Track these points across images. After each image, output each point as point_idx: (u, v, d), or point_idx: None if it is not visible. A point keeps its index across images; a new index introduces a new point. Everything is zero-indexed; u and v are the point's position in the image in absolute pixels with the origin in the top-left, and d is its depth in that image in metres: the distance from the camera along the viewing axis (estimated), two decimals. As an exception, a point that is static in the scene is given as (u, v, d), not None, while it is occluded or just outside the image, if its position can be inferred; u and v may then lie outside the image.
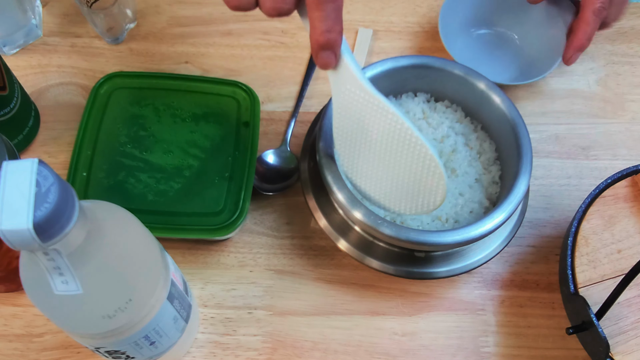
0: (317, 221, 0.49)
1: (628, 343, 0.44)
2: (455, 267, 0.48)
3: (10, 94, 0.51)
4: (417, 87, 0.53)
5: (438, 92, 0.53)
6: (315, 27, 0.36)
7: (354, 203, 0.44)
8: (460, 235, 0.44)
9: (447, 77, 0.51)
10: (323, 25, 0.36)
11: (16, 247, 0.27)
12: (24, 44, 0.61)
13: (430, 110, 0.53)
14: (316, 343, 0.49)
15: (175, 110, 0.56)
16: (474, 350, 0.50)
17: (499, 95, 0.50)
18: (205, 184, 0.52)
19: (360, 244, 0.48)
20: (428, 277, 0.48)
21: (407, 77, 0.52)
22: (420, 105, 0.53)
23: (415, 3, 0.67)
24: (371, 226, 0.44)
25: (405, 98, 0.53)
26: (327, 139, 0.46)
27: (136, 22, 0.63)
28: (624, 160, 0.59)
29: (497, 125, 0.51)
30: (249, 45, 0.63)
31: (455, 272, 0.48)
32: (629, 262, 0.47)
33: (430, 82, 0.52)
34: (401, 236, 0.43)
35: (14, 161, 0.27)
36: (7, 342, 0.48)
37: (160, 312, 0.37)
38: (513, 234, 0.50)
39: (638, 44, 0.66)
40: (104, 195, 0.51)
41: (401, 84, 0.52)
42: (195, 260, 0.52)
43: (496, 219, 0.44)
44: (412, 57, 0.51)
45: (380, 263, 0.48)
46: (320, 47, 0.37)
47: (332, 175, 0.45)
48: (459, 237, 0.44)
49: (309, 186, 0.50)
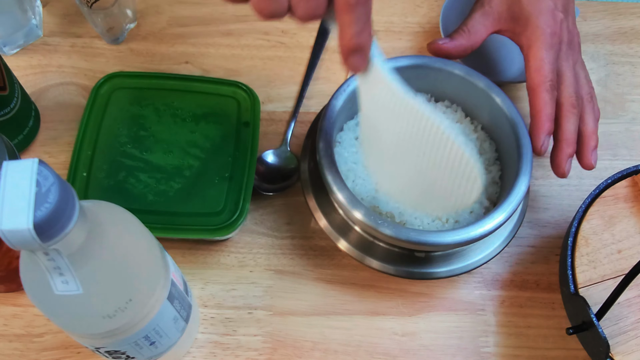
0: (317, 221, 0.49)
1: (628, 343, 0.44)
2: (456, 267, 0.48)
3: (10, 94, 0.51)
4: (418, 87, 0.53)
5: (438, 92, 0.53)
6: (345, 31, 0.36)
7: (354, 203, 0.44)
8: (461, 235, 0.44)
9: (447, 77, 0.51)
10: (353, 28, 0.35)
11: (16, 247, 0.27)
12: (24, 44, 0.61)
13: None
14: (316, 343, 0.49)
15: (176, 110, 0.56)
16: (474, 351, 0.50)
17: (498, 95, 0.50)
18: (206, 184, 0.52)
19: (360, 244, 0.48)
20: (428, 277, 0.48)
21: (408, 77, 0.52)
22: None
23: (415, 3, 0.67)
24: (371, 226, 0.44)
25: None
26: (327, 139, 0.46)
27: (136, 22, 0.63)
28: (624, 161, 0.59)
29: (497, 125, 0.51)
30: (249, 45, 0.63)
31: (455, 272, 0.48)
32: (629, 262, 0.47)
33: (431, 82, 0.52)
34: (401, 236, 0.43)
35: (14, 161, 0.27)
36: (7, 342, 0.48)
37: (160, 312, 0.37)
38: (513, 234, 0.50)
39: (638, 44, 0.66)
40: (104, 195, 0.51)
41: None
42: (196, 260, 0.52)
43: (496, 219, 0.44)
44: (412, 57, 0.51)
45: (380, 263, 0.48)
46: (351, 50, 0.36)
47: (332, 176, 0.45)
48: (459, 237, 0.44)
49: (309, 186, 0.50)
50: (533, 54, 0.50)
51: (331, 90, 0.49)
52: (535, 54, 0.50)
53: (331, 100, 0.48)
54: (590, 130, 0.51)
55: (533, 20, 0.51)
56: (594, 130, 0.51)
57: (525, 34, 0.51)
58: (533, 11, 0.51)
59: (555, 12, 0.51)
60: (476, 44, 0.53)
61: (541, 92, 0.49)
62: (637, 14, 0.67)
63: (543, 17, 0.50)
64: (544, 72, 0.49)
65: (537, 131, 0.48)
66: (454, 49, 0.52)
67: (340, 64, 0.41)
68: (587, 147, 0.50)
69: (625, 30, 0.67)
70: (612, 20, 0.67)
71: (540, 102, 0.49)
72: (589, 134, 0.51)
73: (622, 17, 0.67)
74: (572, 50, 0.52)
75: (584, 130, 0.51)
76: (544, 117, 0.48)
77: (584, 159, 0.51)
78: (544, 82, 0.49)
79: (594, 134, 0.51)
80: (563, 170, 0.49)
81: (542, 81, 0.49)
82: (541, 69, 0.49)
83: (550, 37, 0.50)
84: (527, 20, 0.51)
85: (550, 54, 0.50)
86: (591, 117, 0.51)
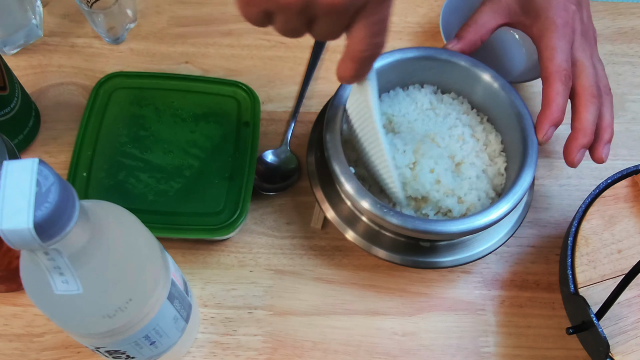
0: (325, 212, 0.49)
1: (628, 343, 0.44)
2: (460, 257, 0.48)
3: (10, 94, 0.51)
4: (424, 78, 0.53)
5: (444, 84, 0.53)
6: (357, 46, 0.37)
7: (361, 193, 0.44)
8: (466, 224, 0.44)
9: (453, 68, 0.51)
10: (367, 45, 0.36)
11: (16, 247, 0.27)
12: (25, 44, 0.61)
13: (438, 102, 0.53)
14: (316, 343, 0.49)
15: (176, 110, 0.56)
16: (474, 350, 0.50)
17: (504, 86, 0.50)
18: (206, 184, 0.52)
19: (367, 234, 0.49)
20: (433, 266, 0.48)
21: (414, 69, 0.52)
22: (427, 96, 0.53)
23: (415, 3, 0.67)
24: (378, 215, 0.44)
25: (412, 89, 0.53)
26: (334, 130, 0.47)
27: (136, 22, 0.63)
28: (624, 160, 0.59)
29: (503, 117, 0.50)
30: (249, 45, 0.63)
31: (460, 262, 0.48)
32: (629, 262, 0.47)
33: (437, 73, 0.52)
34: (407, 225, 0.44)
35: (15, 161, 0.27)
36: (7, 342, 0.48)
37: (160, 311, 0.37)
38: (517, 226, 0.50)
39: (638, 44, 0.66)
40: (104, 195, 0.51)
41: (408, 75, 0.52)
42: (196, 260, 0.52)
43: (501, 209, 0.44)
44: (418, 49, 0.51)
45: (386, 252, 0.48)
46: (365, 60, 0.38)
47: (340, 166, 0.45)
48: (465, 227, 0.44)
49: (316, 178, 0.50)
50: (545, 43, 0.49)
51: (331, 90, 0.49)
52: (547, 44, 0.49)
53: (338, 89, 0.49)
54: (606, 123, 0.50)
55: (544, 12, 0.50)
56: (610, 124, 0.50)
57: (536, 25, 0.50)
58: (543, 3, 0.50)
59: (567, 4, 0.50)
60: (485, 36, 0.53)
61: (554, 82, 0.48)
62: (637, 14, 0.67)
63: (554, 9, 0.50)
64: (557, 61, 0.48)
65: (544, 120, 0.48)
66: (465, 47, 0.52)
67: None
68: (602, 140, 0.49)
69: (625, 30, 0.67)
70: (612, 20, 0.67)
71: (552, 92, 0.48)
72: (605, 127, 0.50)
73: (622, 17, 0.67)
74: (588, 42, 0.51)
75: (601, 123, 0.50)
76: (554, 106, 0.47)
77: (596, 152, 0.50)
78: (557, 72, 0.48)
79: (610, 128, 0.50)
80: (573, 159, 0.48)
81: (556, 70, 0.48)
82: (554, 58, 0.48)
83: (563, 27, 0.49)
84: (537, 12, 0.50)
85: (563, 43, 0.49)
86: (609, 111, 0.50)
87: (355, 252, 0.53)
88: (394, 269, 0.52)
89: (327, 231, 0.54)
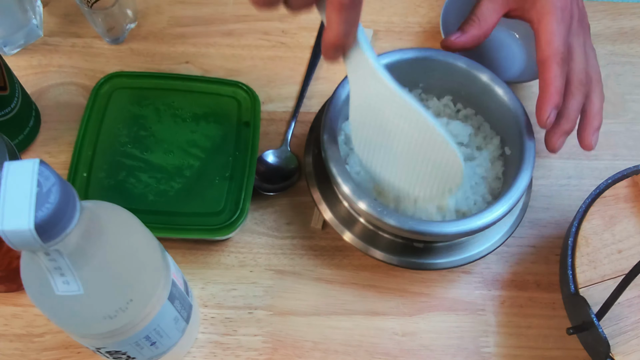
0: (322, 213, 0.49)
1: (629, 343, 0.44)
2: (457, 258, 0.48)
3: (10, 94, 0.51)
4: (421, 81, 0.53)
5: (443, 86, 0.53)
6: (332, 28, 0.37)
7: (358, 194, 0.44)
8: (462, 226, 0.44)
9: (451, 70, 0.51)
10: (341, 28, 0.37)
11: (17, 248, 0.27)
12: (25, 44, 0.61)
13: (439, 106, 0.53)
14: (316, 343, 0.49)
15: (176, 110, 0.56)
16: (474, 351, 0.50)
17: (502, 87, 0.50)
18: (206, 184, 0.52)
19: (365, 235, 0.49)
20: (430, 267, 0.48)
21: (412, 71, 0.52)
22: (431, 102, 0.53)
23: (415, 3, 0.67)
24: (375, 216, 0.44)
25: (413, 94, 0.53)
26: (332, 130, 0.46)
27: (137, 22, 0.63)
28: (625, 161, 0.59)
29: (501, 118, 0.51)
30: (249, 45, 0.63)
31: (456, 264, 0.48)
32: (630, 262, 0.47)
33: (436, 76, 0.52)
34: (404, 226, 0.44)
35: (15, 161, 0.27)
36: (8, 342, 0.48)
37: (161, 312, 0.37)
38: (513, 229, 0.50)
39: (638, 44, 0.66)
40: (104, 195, 0.51)
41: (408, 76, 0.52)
42: (196, 260, 0.52)
43: (497, 212, 0.44)
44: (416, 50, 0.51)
45: (384, 254, 0.48)
46: (333, 47, 0.38)
47: (337, 168, 0.45)
48: (461, 228, 0.44)
49: (313, 179, 0.50)
50: (544, 27, 0.49)
51: (331, 90, 0.49)
52: (546, 27, 0.49)
53: (337, 89, 0.48)
54: (595, 110, 0.50)
55: None
56: (599, 111, 0.50)
57: (535, 9, 0.50)
58: None
59: None
60: (488, 31, 0.52)
61: (552, 65, 0.48)
62: (637, 14, 0.67)
63: None
64: (555, 44, 0.48)
65: (544, 103, 0.47)
66: (469, 41, 0.52)
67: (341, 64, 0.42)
68: (590, 127, 0.49)
69: (625, 30, 0.67)
70: (613, 20, 0.67)
71: (550, 75, 0.48)
72: (594, 114, 0.49)
73: (623, 17, 0.67)
74: (583, 28, 0.51)
75: (590, 110, 0.49)
76: (553, 89, 0.47)
77: (585, 139, 0.50)
78: (555, 55, 0.48)
79: (599, 115, 0.50)
80: (554, 145, 0.48)
81: (554, 53, 0.48)
82: (552, 42, 0.48)
83: (561, 12, 0.49)
84: None
85: (561, 27, 0.49)
86: (598, 98, 0.50)
87: (355, 253, 0.53)
88: (394, 270, 0.52)
89: (327, 231, 0.54)
